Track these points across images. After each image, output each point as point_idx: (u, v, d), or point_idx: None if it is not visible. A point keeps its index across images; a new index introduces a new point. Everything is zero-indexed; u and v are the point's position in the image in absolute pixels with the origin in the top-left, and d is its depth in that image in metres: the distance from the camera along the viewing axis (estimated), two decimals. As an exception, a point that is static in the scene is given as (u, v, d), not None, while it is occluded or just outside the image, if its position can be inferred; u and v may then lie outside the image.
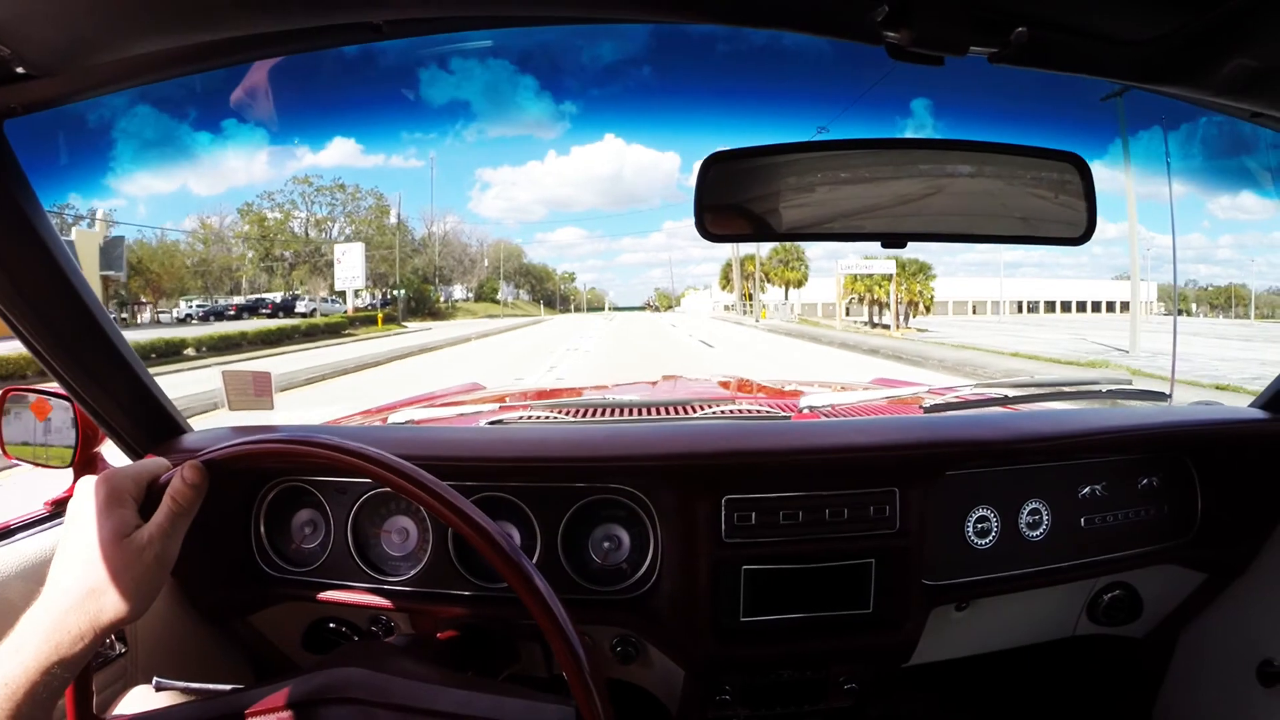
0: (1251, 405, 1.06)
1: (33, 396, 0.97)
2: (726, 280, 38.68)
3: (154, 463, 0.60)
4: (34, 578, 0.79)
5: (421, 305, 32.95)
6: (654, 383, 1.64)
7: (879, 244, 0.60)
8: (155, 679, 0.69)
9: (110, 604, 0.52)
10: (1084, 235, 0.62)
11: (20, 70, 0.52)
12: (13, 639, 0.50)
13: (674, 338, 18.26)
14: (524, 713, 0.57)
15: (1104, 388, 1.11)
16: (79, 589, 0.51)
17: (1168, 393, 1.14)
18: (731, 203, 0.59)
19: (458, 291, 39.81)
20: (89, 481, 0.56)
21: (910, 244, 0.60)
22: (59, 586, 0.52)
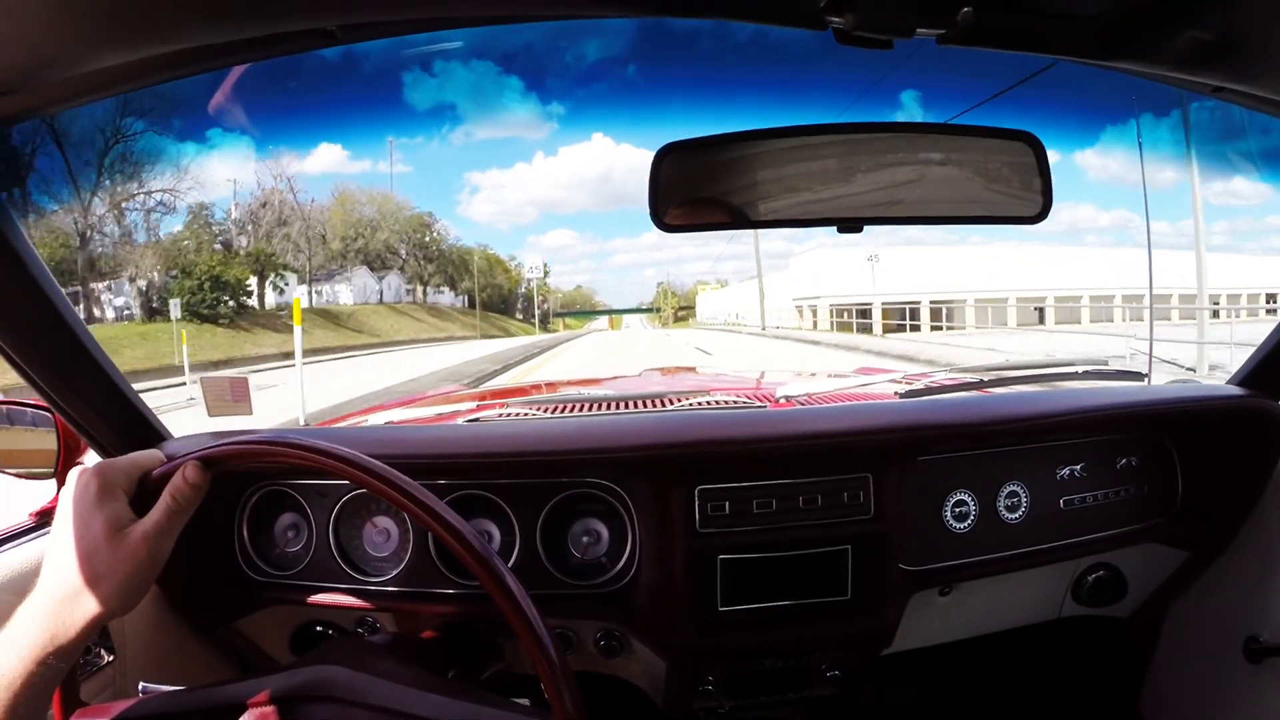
0: (1229, 382, 1.06)
1: (12, 408, 0.98)
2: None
3: (146, 455, 0.59)
4: (20, 589, 0.78)
5: None
6: (637, 375, 1.64)
7: (834, 229, 0.60)
8: (141, 684, 0.70)
9: (102, 598, 0.52)
10: (1040, 214, 0.62)
11: None
12: (8, 631, 0.51)
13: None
14: None
15: (1080, 369, 1.12)
16: (73, 582, 0.52)
17: (1145, 373, 1.14)
18: (687, 193, 0.60)
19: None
20: (81, 472, 0.56)
21: (867, 228, 0.60)
22: (53, 579, 0.53)
